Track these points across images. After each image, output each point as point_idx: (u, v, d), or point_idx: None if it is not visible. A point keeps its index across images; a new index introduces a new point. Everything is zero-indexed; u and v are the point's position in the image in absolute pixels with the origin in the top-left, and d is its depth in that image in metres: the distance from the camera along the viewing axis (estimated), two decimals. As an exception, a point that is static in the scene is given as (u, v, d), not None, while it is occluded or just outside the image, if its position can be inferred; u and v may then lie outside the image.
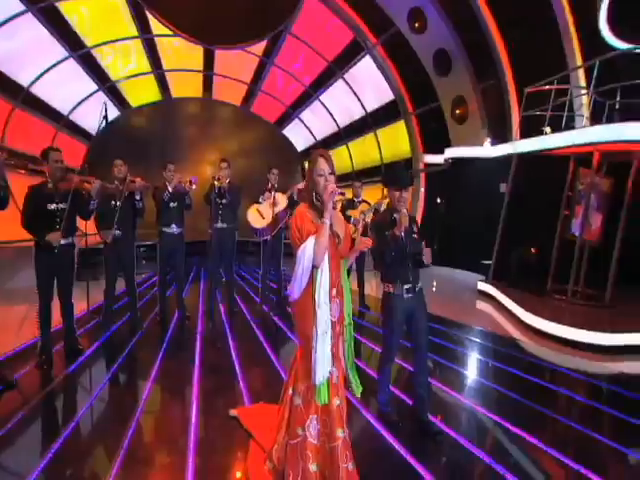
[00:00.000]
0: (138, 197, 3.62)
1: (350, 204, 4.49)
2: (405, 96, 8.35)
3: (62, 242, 3.06)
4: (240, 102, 10.27)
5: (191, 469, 1.92)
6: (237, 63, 8.94)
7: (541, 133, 5.11)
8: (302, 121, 10.56)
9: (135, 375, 3.07)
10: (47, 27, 6.18)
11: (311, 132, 10.77)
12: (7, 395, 2.57)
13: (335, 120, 9.97)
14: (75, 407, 2.47)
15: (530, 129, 5.36)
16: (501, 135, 6.45)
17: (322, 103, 9.75)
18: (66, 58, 6.78)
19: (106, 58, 7.33)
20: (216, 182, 4.06)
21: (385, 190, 2.42)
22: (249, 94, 9.94)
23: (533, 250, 5.44)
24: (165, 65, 8.35)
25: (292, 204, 4.25)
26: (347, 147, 10.12)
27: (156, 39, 7.58)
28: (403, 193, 2.04)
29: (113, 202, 3.58)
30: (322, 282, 1.61)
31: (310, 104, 9.91)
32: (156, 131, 9.36)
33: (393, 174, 2.09)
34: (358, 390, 1.73)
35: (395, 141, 8.78)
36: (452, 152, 7.22)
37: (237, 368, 3.01)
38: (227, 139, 10.33)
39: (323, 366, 1.60)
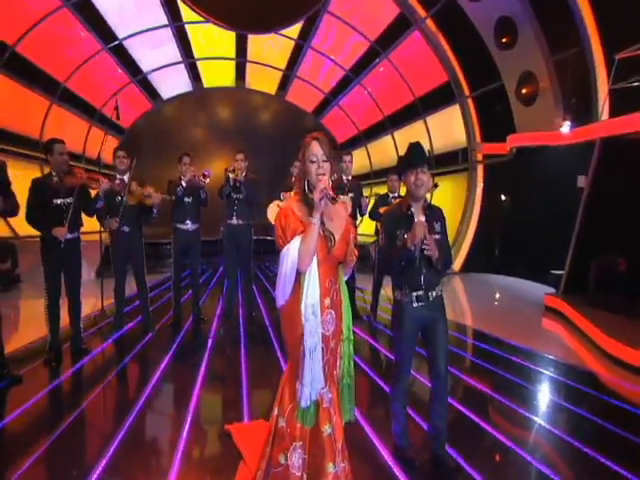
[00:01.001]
0: (155, 210, 3.69)
1: (384, 200, 4.32)
2: (460, 76, 7.88)
3: (68, 236, 3.22)
4: (275, 90, 10.46)
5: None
6: (271, 48, 9.12)
7: (636, 110, 4.42)
8: (342, 109, 10.48)
9: (136, 380, 3.17)
10: (81, 21, 6.82)
11: (352, 121, 10.65)
12: (13, 390, 2.81)
13: (379, 107, 9.73)
14: (71, 407, 2.59)
15: (620, 107, 4.70)
16: (580, 116, 5.75)
17: (365, 88, 9.57)
18: (99, 52, 7.45)
19: (137, 49, 7.90)
20: (230, 174, 4.09)
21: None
22: (284, 81, 10.09)
23: (619, 259, 4.73)
24: (196, 54, 8.79)
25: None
26: (392, 137, 9.83)
27: (187, 27, 8.02)
28: (419, 174, 1.87)
29: (119, 198, 3.68)
30: (310, 290, 1.54)
31: (351, 90, 9.79)
32: (188, 123, 9.90)
33: (406, 155, 1.92)
34: (346, 416, 1.65)
35: (448, 129, 8.36)
36: (517, 139, 6.62)
37: (244, 379, 3.00)
38: (261, 130, 10.59)
39: (310, 386, 1.54)
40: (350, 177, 4.38)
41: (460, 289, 7.02)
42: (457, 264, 8.00)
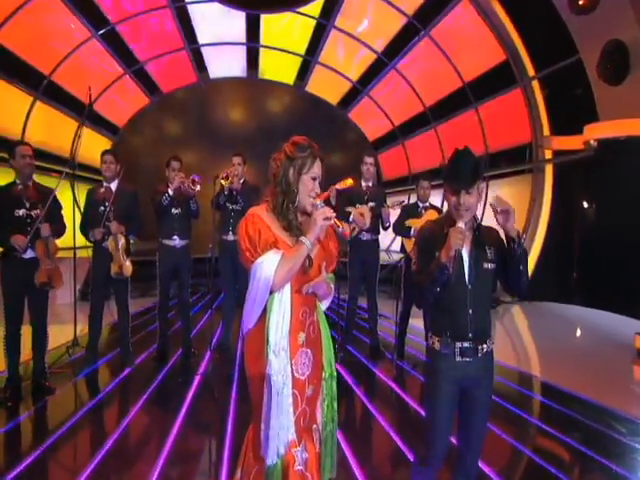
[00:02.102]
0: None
1: (412, 211, 4.24)
2: (523, 53, 7.55)
3: (33, 254, 3.26)
4: (293, 80, 10.53)
5: None
6: (287, 30, 9.19)
7: None
8: (374, 100, 10.36)
9: (98, 427, 3.16)
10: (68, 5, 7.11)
11: (386, 114, 10.49)
12: None
13: (419, 96, 9.51)
14: (19, 458, 2.60)
15: None
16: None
17: (401, 74, 9.41)
18: (89, 39, 7.71)
19: (132, 36, 8.15)
20: (222, 181, 4.03)
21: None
22: (304, 69, 10.14)
23: None
24: (201, 39, 8.99)
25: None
26: (436, 132, 9.54)
27: (189, 8, 8.22)
28: (463, 197, 1.71)
29: (102, 207, 3.75)
30: (278, 322, 1.54)
31: (384, 76, 9.65)
32: (192, 120, 10.08)
33: (449, 166, 1.77)
34: (326, 475, 1.65)
35: (506, 119, 8.01)
36: (598, 130, 6.15)
37: (229, 428, 2.96)
38: (277, 126, 10.63)
39: (275, 440, 1.52)
40: (371, 183, 4.32)
41: (522, 323, 6.55)
42: (519, 290, 7.45)
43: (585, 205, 6.88)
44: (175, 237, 4.12)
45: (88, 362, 3.92)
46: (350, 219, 4.22)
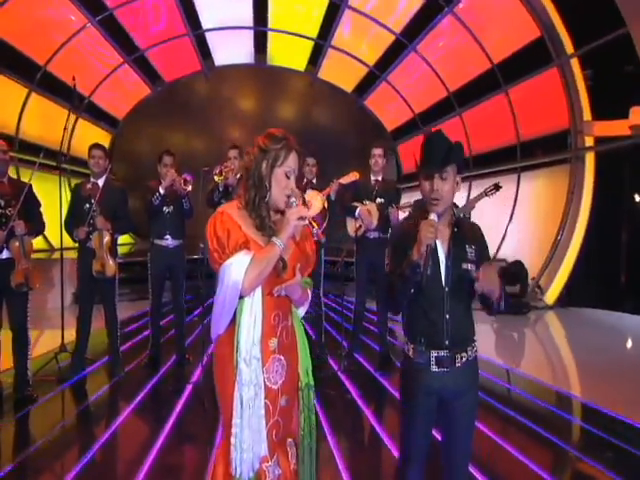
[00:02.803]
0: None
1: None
2: (560, 27, 7.27)
3: (7, 255, 3.32)
4: (304, 66, 10.48)
5: None
6: (297, 11, 9.15)
7: None
8: (392, 85, 10.22)
9: (79, 438, 3.16)
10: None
11: (406, 101, 10.33)
12: None
13: (443, 81, 9.31)
14: None
15: None
16: None
17: (422, 57, 9.23)
18: (84, 27, 7.87)
19: (132, 22, 8.26)
20: (216, 177, 4.02)
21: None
22: (316, 54, 10.09)
23: None
24: (205, 24, 9.04)
25: (333, 207, 4.21)
26: (461, 119, 9.32)
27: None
28: (436, 182, 1.67)
29: (88, 205, 3.77)
30: (248, 325, 1.55)
31: (403, 60, 9.51)
32: (197, 111, 10.16)
33: (421, 151, 1.73)
34: None
35: (541, 103, 7.77)
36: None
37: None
38: (289, 116, 10.63)
39: (250, 455, 1.53)
40: (380, 177, 4.24)
41: (557, 333, 6.30)
42: (551, 295, 7.25)
43: (637, 199, 6.57)
44: (167, 237, 4.11)
45: (74, 369, 3.93)
46: (356, 214, 4.14)
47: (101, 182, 3.85)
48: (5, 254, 3.32)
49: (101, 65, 8.58)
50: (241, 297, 1.55)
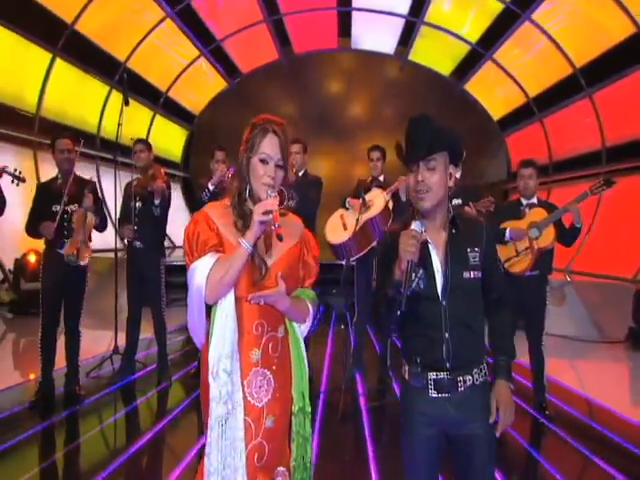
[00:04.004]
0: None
1: (513, 209, 3.88)
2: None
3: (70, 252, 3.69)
4: (393, 48, 10.35)
5: None
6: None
7: None
8: (500, 65, 9.68)
9: (116, 442, 3.44)
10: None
11: (518, 82, 9.69)
12: None
13: (566, 55, 8.55)
14: (29, 465, 2.99)
15: None
16: None
17: (539, 27, 8.56)
18: (163, 19, 8.59)
19: (207, 11, 8.83)
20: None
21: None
22: (407, 34, 9.91)
23: None
24: (282, 8, 9.35)
25: (400, 207, 4.07)
26: (591, 101, 8.47)
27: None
28: (421, 172, 1.61)
29: (132, 202, 4.13)
30: (219, 335, 1.55)
31: (514, 32, 8.92)
32: (276, 102, 10.55)
33: (404, 139, 1.67)
34: None
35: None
36: None
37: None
38: (379, 104, 10.58)
39: (219, 475, 1.52)
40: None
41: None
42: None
43: None
44: None
45: (123, 373, 4.27)
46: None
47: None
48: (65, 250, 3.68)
49: (178, 59, 9.33)
50: (207, 304, 1.56)
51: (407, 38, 9.97)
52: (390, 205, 4.13)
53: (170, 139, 10.39)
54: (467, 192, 3.99)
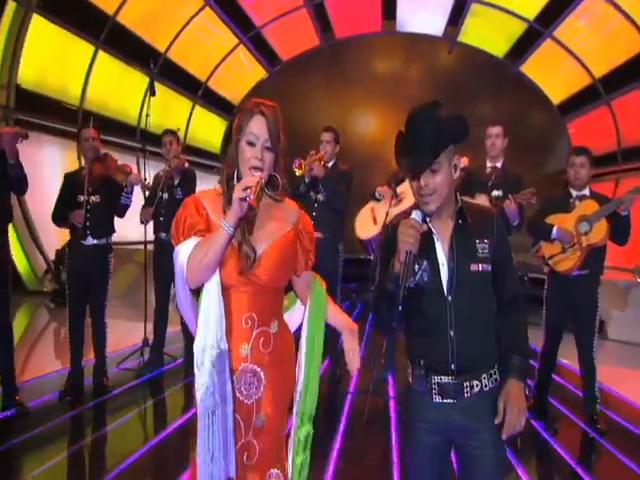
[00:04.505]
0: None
1: (561, 201, 3.70)
2: None
3: (93, 242, 3.82)
4: (442, 30, 10.05)
5: None
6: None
7: None
8: (561, 43, 9.17)
9: (129, 438, 3.52)
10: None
11: (581, 62, 9.15)
12: (14, 421, 3.51)
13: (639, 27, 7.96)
14: (48, 455, 3.12)
15: None
16: None
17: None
18: (203, 8, 8.73)
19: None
20: (297, 171, 4.05)
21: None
22: (456, 13, 9.60)
23: None
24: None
25: None
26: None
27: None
28: (426, 178, 1.56)
29: (160, 193, 4.23)
30: (204, 323, 1.54)
31: (577, 6, 8.43)
32: (317, 90, 10.48)
33: (401, 140, 1.62)
34: None
35: None
36: None
37: None
38: (425, 90, 10.28)
39: (209, 465, 1.52)
40: (499, 164, 3.93)
41: None
42: None
43: None
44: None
45: (151, 366, 4.40)
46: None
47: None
48: (90, 241, 3.83)
49: (217, 49, 9.47)
50: (198, 289, 1.58)
51: (457, 18, 9.65)
52: None
53: (209, 129, 10.58)
54: (508, 183, 3.81)
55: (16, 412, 3.52)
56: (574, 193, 3.61)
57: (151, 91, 4.61)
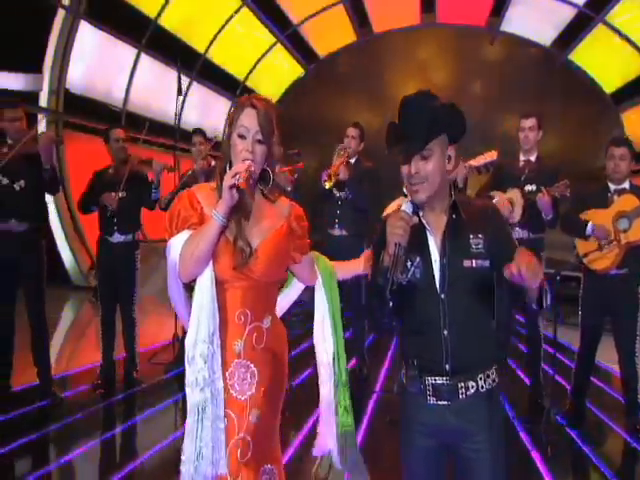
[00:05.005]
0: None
1: (598, 196, 3.50)
2: None
3: (120, 239, 3.95)
4: (484, 20, 9.71)
5: None
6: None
7: None
8: (615, 29, 8.66)
9: (162, 424, 3.73)
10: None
11: (637, 47, 8.59)
12: (49, 411, 3.67)
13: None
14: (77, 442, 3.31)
15: None
16: None
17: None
18: (239, 9, 8.81)
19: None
20: (326, 184, 4.08)
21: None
22: (499, 2, 9.23)
23: None
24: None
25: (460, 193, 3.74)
26: None
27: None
28: (414, 164, 1.51)
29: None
30: (196, 317, 1.54)
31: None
32: (356, 86, 10.33)
33: (393, 124, 1.58)
34: None
35: None
36: None
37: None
38: (467, 83, 10.00)
39: (194, 462, 1.52)
40: (534, 157, 3.79)
41: None
42: None
43: None
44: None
45: (180, 361, 4.50)
46: (494, 206, 3.68)
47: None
48: (117, 237, 3.95)
49: (254, 47, 9.55)
50: (189, 282, 1.59)
51: (499, 7, 9.28)
52: None
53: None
54: (543, 177, 3.63)
55: (51, 402, 3.68)
56: (612, 187, 3.40)
57: (178, 91, 4.68)
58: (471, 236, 1.55)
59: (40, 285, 3.70)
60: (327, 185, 4.11)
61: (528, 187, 3.61)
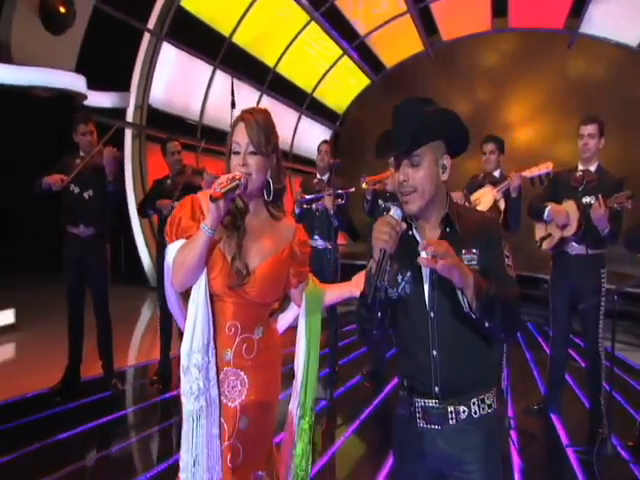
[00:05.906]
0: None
1: None
2: None
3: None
4: (563, 22, 9.16)
5: None
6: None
7: None
8: None
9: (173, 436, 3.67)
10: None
11: None
12: (110, 401, 3.90)
13: None
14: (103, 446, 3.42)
15: None
16: None
17: None
18: (308, 23, 8.98)
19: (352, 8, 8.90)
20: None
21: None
22: (579, 2, 8.67)
23: None
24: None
25: (515, 208, 3.59)
26: None
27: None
28: (403, 170, 1.44)
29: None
30: (191, 327, 1.55)
31: None
32: (425, 95, 10.14)
33: (387, 133, 1.51)
34: None
35: None
36: None
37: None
38: (543, 90, 9.47)
39: (189, 471, 1.54)
40: (593, 167, 3.47)
41: None
42: None
43: None
44: (316, 237, 4.39)
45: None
46: (544, 217, 3.44)
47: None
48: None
49: (322, 60, 9.68)
50: (186, 292, 1.59)
51: (579, 7, 8.72)
52: (502, 205, 3.65)
53: (314, 140, 10.85)
54: (603, 188, 3.32)
55: (112, 393, 3.93)
56: None
57: (232, 104, 4.81)
58: (464, 251, 1.43)
59: (104, 284, 3.93)
60: (363, 185, 4.16)
61: (586, 199, 3.33)
